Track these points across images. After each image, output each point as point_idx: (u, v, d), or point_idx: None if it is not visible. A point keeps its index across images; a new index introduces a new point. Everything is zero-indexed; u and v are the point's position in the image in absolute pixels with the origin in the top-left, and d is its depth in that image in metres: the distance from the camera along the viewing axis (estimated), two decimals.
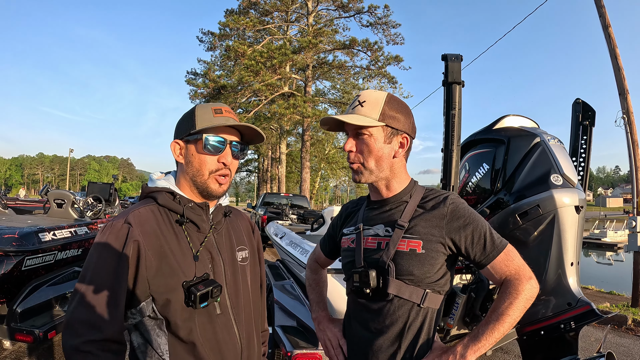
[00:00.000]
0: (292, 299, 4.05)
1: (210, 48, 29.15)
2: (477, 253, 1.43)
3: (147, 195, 1.42)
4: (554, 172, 2.75)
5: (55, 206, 5.48)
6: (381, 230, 1.53)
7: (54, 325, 3.93)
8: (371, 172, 1.52)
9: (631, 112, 9.23)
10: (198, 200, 1.41)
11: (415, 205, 1.51)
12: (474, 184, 3.14)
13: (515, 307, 1.35)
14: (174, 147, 1.40)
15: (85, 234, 4.88)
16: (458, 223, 1.44)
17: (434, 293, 1.45)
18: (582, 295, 2.61)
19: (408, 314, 1.44)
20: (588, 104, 3.54)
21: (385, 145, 1.50)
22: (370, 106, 1.49)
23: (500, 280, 1.44)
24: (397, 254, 1.44)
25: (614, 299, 9.61)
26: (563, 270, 2.64)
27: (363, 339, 1.52)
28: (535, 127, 3.24)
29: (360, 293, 1.49)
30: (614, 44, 9.47)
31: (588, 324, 2.65)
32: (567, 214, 2.65)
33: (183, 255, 1.31)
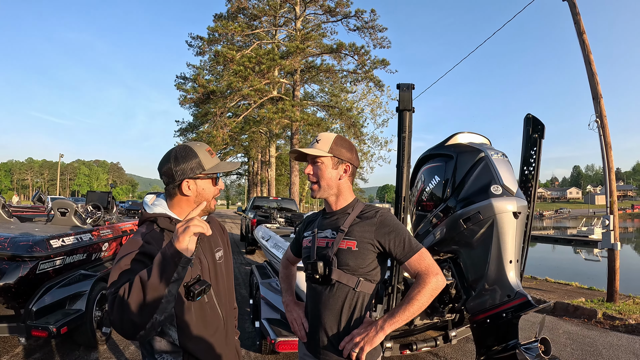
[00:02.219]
0: (277, 294, 4.56)
1: (199, 53, 29.43)
2: (397, 252, 1.98)
3: (147, 220, 1.83)
4: (494, 182, 3.20)
5: (59, 214, 5.95)
6: (329, 233, 2.10)
7: (65, 322, 4.43)
8: (323, 190, 2.11)
9: (604, 115, 9.60)
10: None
11: (355, 216, 2.08)
12: (429, 192, 3.63)
13: (422, 294, 1.88)
14: (186, 185, 1.82)
15: (89, 240, 5.39)
16: (384, 230, 2.00)
17: (366, 281, 2.01)
18: (520, 288, 3.03)
19: (346, 295, 2.00)
20: (538, 118, 3.92)
21: (332, 171, 2.10)
22: (323, 143, 2.10)
23: (415, 273, 1.98)
24: (338, 250, 2.01)
25: (592, 294, 9.97)
26: (502, 266, 3.08)
27: (316, 315, 2.09)
28: (484, 143, 3.70)
29: (312, 279, 2.07)
30: (588, 50, 9.89)
31: (526, 313, 2.98)
32: (505, 219, 3.11)
33: None
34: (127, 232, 6.90)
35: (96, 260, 5.77)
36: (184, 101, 27.78)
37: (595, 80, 9.86)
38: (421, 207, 3.77)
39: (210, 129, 27.99)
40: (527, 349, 2.80)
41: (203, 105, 29.64)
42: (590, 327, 7.39)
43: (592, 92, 9.88)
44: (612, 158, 9.70)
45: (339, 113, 29.16)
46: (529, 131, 3.93)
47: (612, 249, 9.24)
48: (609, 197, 9.58)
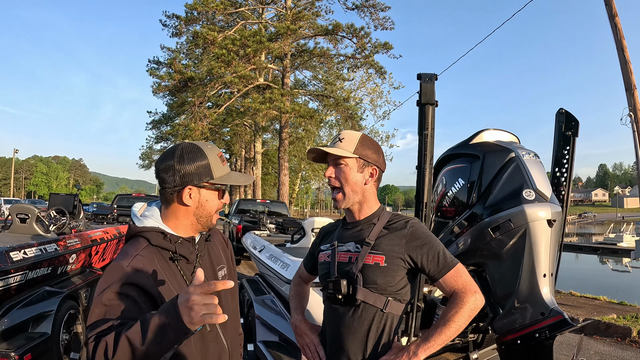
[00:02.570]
0: (274, 313, 4.53)
1: (175, 34, 29.23)
2: (431, 268, 1.97)
3: (135, 235, 1.73)
4: (526, 187, 3.21)
5: (18, 221, 5.87)
6: (352, 246, 2.08)
7: (29, 348, 4.34)
8: (348, 198, 2.09)
9: (638, 108, 9.74)
10: (185, 235, 1.77)
11: (382, 227, 2.06)
12: (451, 197, 3.63)
13: (460, 315, 1.88)
14: (187, 192, 1.71)
15: (55, 251, 5.32)
16: (416, 243, 1.98)
17: (395, 301, 1.99)
18: (555, 305, 3.06)
19: (373, 317, 1.98)
20: (571, 114, 3.89)
21: (358, 174, 2.08)
22: (347, 142, 2.07)
23: (450, 292, 1.97)
24: (364, 266, 1.99)
25: (624, 309, 9.90)
26: (536, 281, 3.09)
27: (337, 340, 2.06)
28: (513, 142, 3.70)
29: (333, 299, 2.04)
30: (621, 36, 9.94)
31: (562, 333, 3.07)
32: (538, 227, 3.12)
33: (180, 288, 1.65)
34: (97, 242, 6.82)
35: (62, 274, 5.69)
36: (158, 89, 27.54)
37: (629, 69, 9.91)
38: (441, 213, 3.76)
39: (187, 121, 27.86)
40: None
41: (179, 94, 29.60)
42: (625, 347, 7.38)
43: (625, 83, 9.94)
44: None
45: (335, 103, 29.17)
46: (561, 128, 3.91)
47: None
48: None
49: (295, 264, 4.65)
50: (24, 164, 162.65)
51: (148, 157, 40.63)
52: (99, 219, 11.26)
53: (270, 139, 43.09)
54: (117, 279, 1.55)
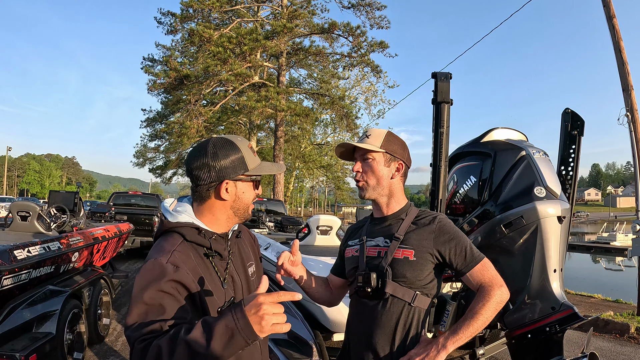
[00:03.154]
0: None
1: (170, 31, 28.91)
2: (458, 263, 2.01)
3: (169, 230, 1.70)
4: (537, 184, 3.26)
5: (19, 219, 5.82)
6: (381, 241, 2.11)
7: (34, 348, 4.30)
8: (373, 189, 2.13)
9: (635, 109, 9.78)
10: (219, 231, 1.77)
11: (410, 222, 2.10)
12: (462, 194, 3.66)
13: (487, 308, 1.91)
14: (224, 187, 1.70)
15: (59, 249, 5.28)
16: (444, 238, 2.02)
17: (423, 295, 2.02)
18: (565, 299, 3.12)
19: (401, 311, 2.00)
20: (577, 113, 3.98)
21: (384, 168, 2.13)
22: (374, 138, 2.14)
23: (477, 286, 2.01)
24: (393, 260, 2.02)
25: (620, 307, 10.17)
26: (546, 276, 3.15)
27: (364, 334, 2.07)
28: (523, 140, 3.75)
29: (362, 292, 2.06)
30: (619, 37, 9.99)
31: (572, 327, 3.11)
32: (549, 224, 3.17)
33: (214, 284, 1.68)
34: (98, 240, 6.78)
35: (65, 273, 5.66)
36: (153, 87, 27.45)
37: (626, 70, 9.97)
38: (451, 210, 3.79)
39: (182, 119, 27.67)
40: None
41: (174, 92, 29.38)
42: (624, 342, 7.55)
43: (622, 84, 10.00)
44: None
45: (330, 102, 29.07)
46: (567, 127, 3.98)
47: None
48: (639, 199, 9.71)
49: (304, 260, 4.62)
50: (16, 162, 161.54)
51: (142, 155, 40.34)
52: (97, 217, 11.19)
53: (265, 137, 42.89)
54: (157, 276, 1.53)
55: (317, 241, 6.36)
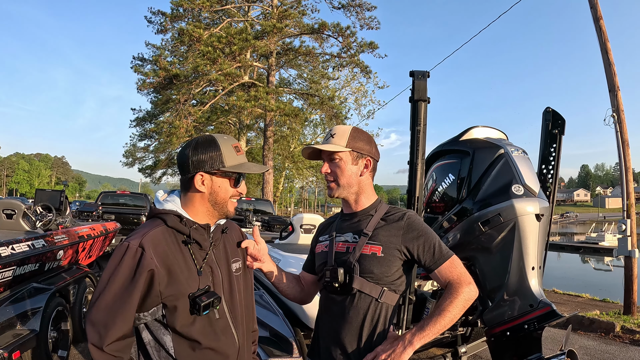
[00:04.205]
0: (264, 309, 4.53)
1: (160, 30, 28.82)
2: (427, 259, 2.02)
3: (155, 216, 1.85)
4: (515, 182, 3.30)
5: (5, 217, 5.81)
6: (350, 237, 2.13)
7: (17, 345, 4.28)
8: (343, 188, 2.14)
9: (621, 109, 9.79)
10: (201, 222, 1.85)
11: (379, 218, 2.11)
12: (441, 192, 3.69)
13: (454, 305, 1.92)
14: (198, 178, 1.82)
15: (43, 247, 5.27)
16: (412, 234, 2.04)
17: (390, 291, 2.04)
18: (544, 297, 3.14)
19: (368, 306, 2.02)
20: (558, 112, 4.02)
21: (352, 166, 2.13)
22: (339, 137, 2.13)
23: (445, 283, 2.02)
24: (361, 256, 2.04)
25: (607, 306, 10.20)
26: (524, 273, 3.17)
27: (332, 329, 2.09)
28: (502, 139, 3.77)
29: (330, 287, 2.08)
30: (605, 38, 10.01)
31: (550, 324, 3.14)
32: (527, 221, 3.20)
33: (189, 271, 1.77)
34: (84, 238, 6.77)
35: (50, 270, 5.64)
36: (142, 86, 27.16)
37: (612, 71, 9.97)
38: (431, 209, 3.82)
39: (172, 119, 27.47)
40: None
41: (164, 91, 29.21)
42: (609, 341, 7.59)
43: (608, 84, 10.01)
44: (629, 156, 9.85)
45: (320, 102, 28.98)
46: (548, 126, 4.01)
47: (630, 257, 9.35)
48: (625, 199, 9.72)
49: (286, 258, 4.67)
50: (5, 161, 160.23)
51: (132, 155, 40.08)
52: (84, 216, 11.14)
53: (255, 137, 42.78)
54: (119, 259, 1.69)
55: (301, 239, 6.41)
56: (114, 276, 1.68)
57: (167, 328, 1.77)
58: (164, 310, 1.75)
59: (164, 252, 1.74)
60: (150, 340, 1.80)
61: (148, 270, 1.68)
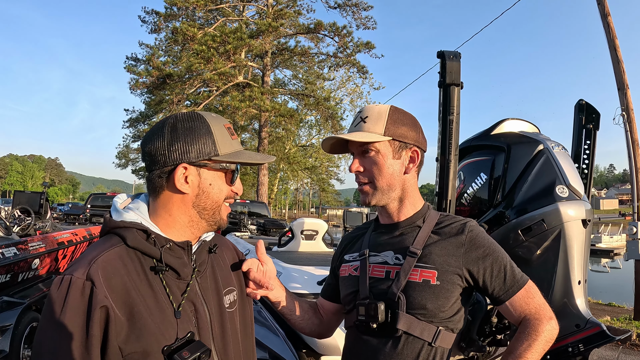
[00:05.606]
0: (262, 327, 4.02)
1: (154, 30, 28.66)
2: (495, 287, 1.49)
3: (110, 231, 1.27)
4: (559, 183, 2.84)
5: None
6: (390, 257, 1.56)
7: None
8: (383, 193, 1.57)
9: (631, 108, 9.55)
10: (178, 239, 1.29)
11: (430, 231, 1.55)
12: (470, 195, 3.22)
13: (534, 350, 1.41)
14: (180, 173, 1.25)
15: (14, 255, 4.76)
16: (477, 253, 1.49)
17: (447, 331, 1.49)
18: (591, 316, 2.71)
19: (418, 353, 1.47)
20: (592, 105, 3.64)
21: (394, 161, 1.56)
22: (373, 121, 1.56)
23: (519, 318, 1.50)
24: (408, 284, 1.48)
25: (614, 311, 9.94)
26: (570, 289, 2.74)
27: None
28: (537, 133, 3.34)
29: (364, 328, 1.52)
30: (614, 35, 9.76)
31: (599, 347, 2.73)
32: (573, 228, 2.75)
33: (161, 312, 1.20)
34: (64, 244, 6.20)
35: (24, 281, 5.10)
36: (135, 86, 27.06)
37: (621, 68, 9.77)
38: (456, 213, 3.34)
39: None
40: None
41: (157, 92, 29.22)
42: (627, 350, 7.30)
43: (617, 82, 9.79)
44: (639, 157, 9.64)
45: (315, 103, 28.92)
46: (581, 121, 3.63)
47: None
48: (636, 201, 9.55)
49: (287, 270, 4.16)
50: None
51: (125, 156, 40.00)
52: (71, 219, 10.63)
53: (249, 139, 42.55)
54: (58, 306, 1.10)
55: (302, 247, 5.89)
56: (59, 329, 1.09)
57: None
58: None
59: (123, 286, 1.16)
60: None
61: (100, 307, 1.10)
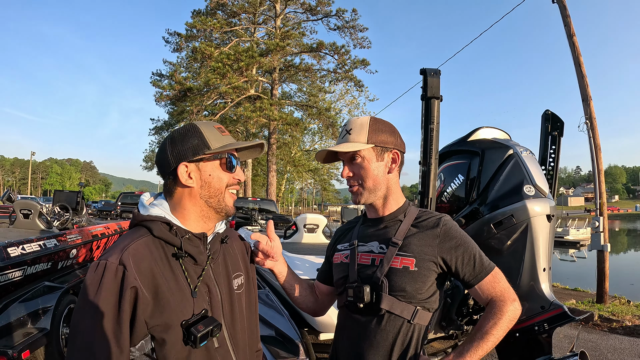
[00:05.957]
0: (269, 308, 4.04)
1: (176, 49, 28.65)
2: (466, 273, 1.53)
3: (139, 224, 1.34)
4: (526, 182, 2.87)
5: (22, 216, 5.34)
6: (375, 247, 1.60)
7: (28, 344, 3.80)
8: (370, 192, 1.61)
9: (594, 117, 9.58)
10: (196, 230, 1.36)
11: (410, 224, 1.59)
12: (449, 193, 3.24)
13: (499, 327, 1.45)
14: (182, 170, 1.33)
15: (55, 246, 4.77)
16: (450, 244, 1.53)
17: (424, 310, 1.53)
18: (555, 299, 2.74)
19: (399, 329, 1.51)
20: (557, 115, 3.66)
21: (378, 164, 1.61)
22: (357, 132, 1.60)
23: (486, 300, 1.53)
24: (390, 270, 1.52)
25: (579, 295, 9.98)
26: (536, 275, 2.77)
27: (355, 354, 1.58)
28: (508, 139, 3.36)
29: (353, 307, 1.57)
30: (578, 52, 9.80)
31: (562, 326, 2.75)
32: (539, 222, 2.79)
33: (181, 292, 1.27)
34: (97, 237, 6.23)
35: (63, 269, 5.11)
36: (160, 98, 26.98)
37: (585, 82, 9.79)
38: (437, 210, 3.37)
39: None
40: None
41: (179, 103, 29.05)
42: (589, 330, 7.31)
43: (581, 94, 9.80)
44: (601, 160, 9.79)
45: (317, 113, 28.93)
46: (547, 128, 3.66)
47: (602, 251, 9.12)
48: (598, 198, 9.54)
49: (290, 259, 4.18)
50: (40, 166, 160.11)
51: (151, 160, 40.04)
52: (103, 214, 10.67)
53: None
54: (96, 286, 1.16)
55: (304, 239, 5.94)
56: (94, 307, 1.15)
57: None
58: (152, 343, 1.24)
59: (150, 270, 1.22)
60: None
61: (131, 287, 1.17)
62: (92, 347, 1.14)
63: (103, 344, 1.14)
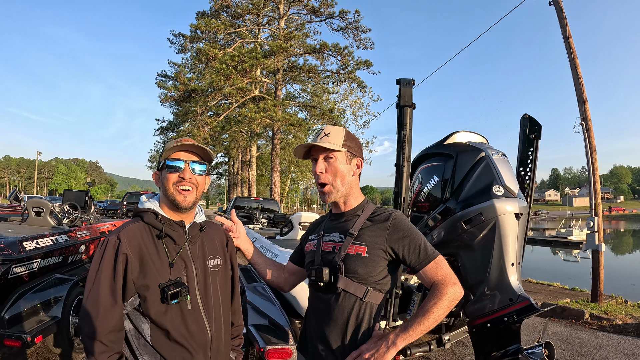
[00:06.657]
0: (264, 299, 4.36)
1: (181, 50, 28.89)
2: (412, 260, 1.81)
3: (136, 214, 1.82)
4: (496, 183, 3.11)
5: (34, 214, 5.65)
6: (336, 237, 1.92)
7: (40, 330, 4.13)
8: (338, 191, 1.92)
9: (589, 119, 9.64)
10: (176, 219, 1.81)
11: (365, 219, 1.90)
12: (426, 193, 3.52)
13: (439, 306, 1.71)
14: (155, 177, 1.87)
15: (66, 241, 5.11)
16: (398, 235, 1.82)
17: (375, 291, 1.82)
18: (522, 292, 2.96)
19: (352, 306, 1.81)
20: (535, 118, 3.86)
21: (347, 166, 1.92)
22: (334, 136, 1.92)
23: (430, 283, 1.80)
24: (346, 256, 1.83)
25: (576, 294, 10.03)
26: (504, 269, 2.99)
27: (319, 326, 1.90)
28: (483, 142, 3.61)
29: (316, 286, 1.89)
30: (574, 54, 9.91)
31: (529, 317, 2.94)
32: (507, 220, 3.02)
33: (160, 262, 1.71)
34: (105, 234, 6.57)
35: (73, 263, 5.46)
36: (165, 99, 27.34)
37: (581, 83, 9.85)
38: (417, 208, 3.65)
39: (191, 128, 27.66)
40: (530, 354, 2.73)
41: (184, 104, 29.35)
42: (579, 327, 7.43)
43: (577, 96, 9.89)
44: (596, 161, 9.78)
45: (321, 113, 29.07)
46: (525, 131, 3.85)
47: (597, 250, 9.26)
48: (593, 199, 9.62)
49: (283, 254, 4.50)
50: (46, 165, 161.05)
51: (156, 160, 40.30)
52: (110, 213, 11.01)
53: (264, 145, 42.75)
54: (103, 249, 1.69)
55: (299, 236, 6.26)
56: (100, 270, 1.66)
57: (144, 316, 1.70)
58: (139, 299, 1.70)
59: (138, 244, 1.71)
60: (131, 328, 1.73)
61: (123, 254, 1.66)
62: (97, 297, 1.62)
63: (104, 294, 1.62)
